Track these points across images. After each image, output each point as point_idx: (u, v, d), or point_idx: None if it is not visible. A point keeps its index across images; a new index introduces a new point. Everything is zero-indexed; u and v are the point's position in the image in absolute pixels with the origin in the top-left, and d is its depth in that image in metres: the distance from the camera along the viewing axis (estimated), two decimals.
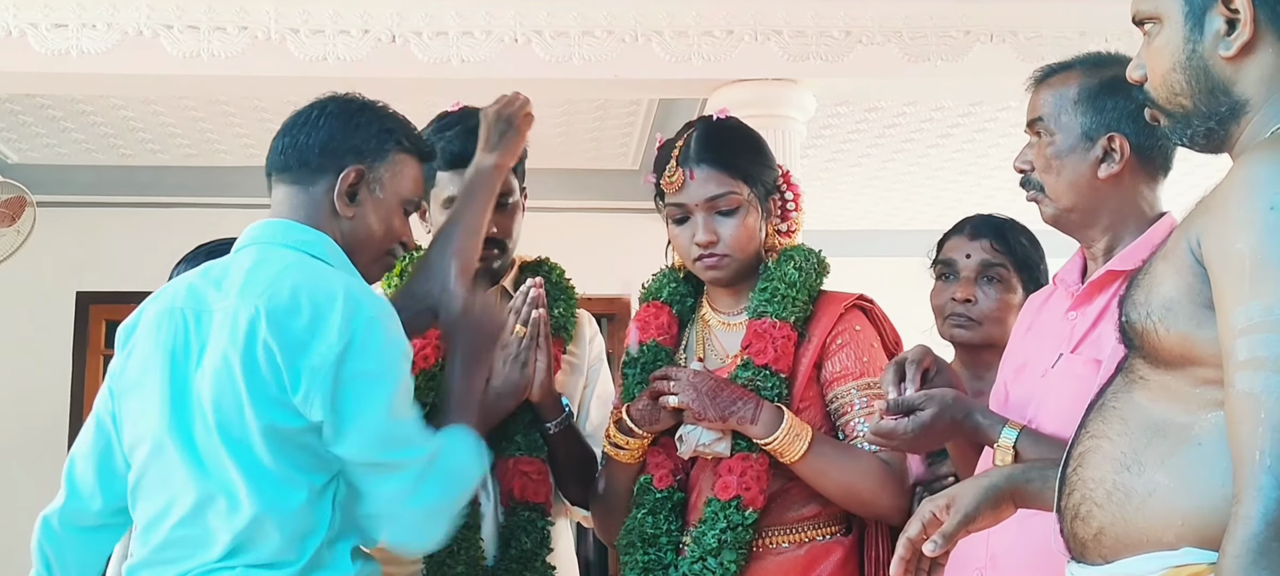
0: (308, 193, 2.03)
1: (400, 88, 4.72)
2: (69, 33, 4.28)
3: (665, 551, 2.11)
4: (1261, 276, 1.18)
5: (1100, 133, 1.87)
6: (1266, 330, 1.17)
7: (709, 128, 2.19)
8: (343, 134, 2.06)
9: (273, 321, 1.86)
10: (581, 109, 5.68)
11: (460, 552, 2.18)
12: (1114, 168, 1.86)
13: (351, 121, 2.08)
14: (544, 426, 2.29)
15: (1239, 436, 1.18)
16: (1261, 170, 1.22)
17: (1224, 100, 1.38)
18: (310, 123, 2.06)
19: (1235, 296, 1.21)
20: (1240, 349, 1.19)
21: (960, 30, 4.51)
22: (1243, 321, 1.19)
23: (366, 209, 2.04)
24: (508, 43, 4.39)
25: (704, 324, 2.26)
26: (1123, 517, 1.34)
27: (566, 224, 6.19)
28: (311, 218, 2.02)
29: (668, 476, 2.14)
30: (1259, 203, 1.20)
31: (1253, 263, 1.19)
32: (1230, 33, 1.36)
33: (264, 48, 4.33)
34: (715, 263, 2.14)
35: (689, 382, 2.06)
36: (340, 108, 2.09)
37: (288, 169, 2.05)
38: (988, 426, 1.84)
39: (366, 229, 2.04)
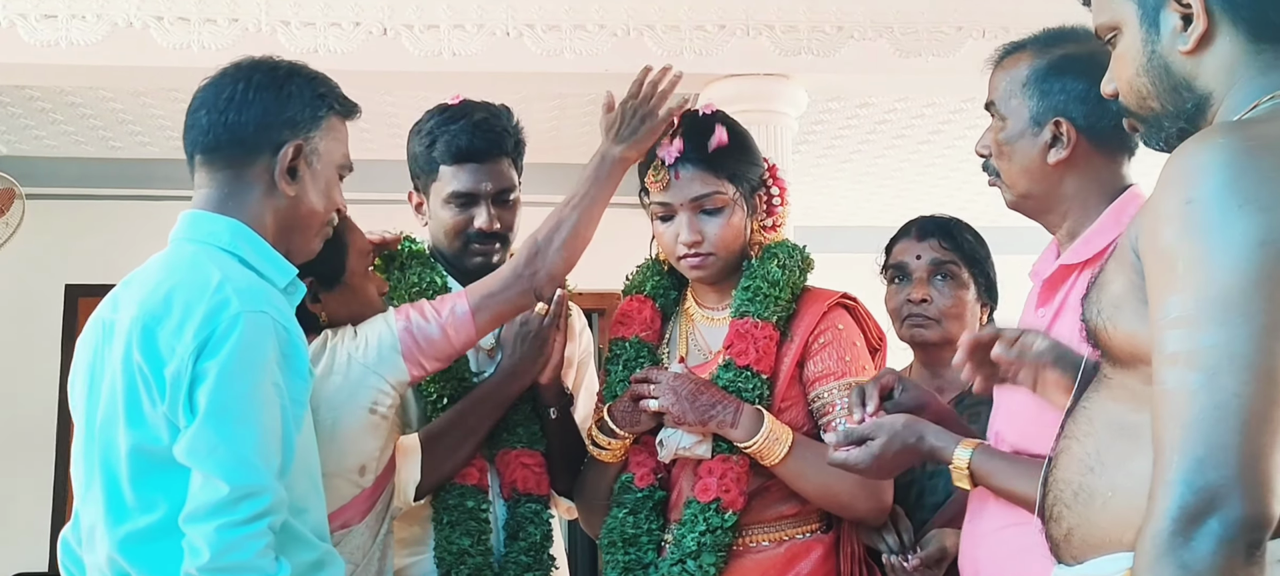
0: (240, 174, 1.92)
1: (392, 81, 4.72)
2: (58, 24, 4.27)
3: (645, 550, 2.11)
4: (1178, 270, 1.17)
5: (1047, 117, 1.82)
6: (1184, 325, 1.15)
7: (695, 125, 2.17)
8: (277, 107, 1.93)
9: (145, 330, 1.79)
10: (573, 103, 5.67)
11: (475, 545, 2.18)
12: (1062, 153, 1.81)
13: (283, 92, 1.94)
14: (546, 411, 2.29)
15: (1156, 432, 1.17)
16: (1184, 164, 1.21)
17: (1188, 96, 1.38)
18: (239, 99, 1.93)
19: (1159, 291, 1.20)
20: (1162, 344, 1.18)
21: (952, 26, 4.52)
22: (1162, 316, 1.18)
23: (306, 184, 1.94)
24: (500, 36, 4.38)
25: (688, 318, 2.26)
26: (1087, 518, 1.34)
27: None
28: (242, 200, 1.92)
29: (649, 475, 2.14)
30: (1178, 196, 1.19)
31: (1171, 257, 1.19)
32: (1186, 28, 1.36)
33: (254, 40, 4.31)
34: (700, 262, 2.13)
35: (669, 386, 2.06)
36: (268, 78, 1.95)
37: (217, 149, 1.92)
38: (942, 447, 1.84)
39: (308, 204, 1.95)
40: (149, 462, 1.79)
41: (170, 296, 1.80)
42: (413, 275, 2.30)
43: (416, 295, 2.26)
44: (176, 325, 1.77)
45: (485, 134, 2.29)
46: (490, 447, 2.28)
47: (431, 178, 2.30)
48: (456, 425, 2.21)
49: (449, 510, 2.21)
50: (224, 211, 1.91)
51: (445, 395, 2.23)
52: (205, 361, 1.76)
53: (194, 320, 1.77)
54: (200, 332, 1.76)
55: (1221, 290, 1.14)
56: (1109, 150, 1.82)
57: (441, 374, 2.22)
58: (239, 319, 1.78)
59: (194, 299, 1.79)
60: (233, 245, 1.89)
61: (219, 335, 1.76)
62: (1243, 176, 1.16)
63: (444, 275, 2.32)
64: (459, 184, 2.27)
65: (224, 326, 1.77)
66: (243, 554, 1.73)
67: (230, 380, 1.77)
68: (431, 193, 2.32)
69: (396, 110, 5.39)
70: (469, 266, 2.32)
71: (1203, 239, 1.16)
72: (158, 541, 1.77)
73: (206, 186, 1.94)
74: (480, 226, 2.28)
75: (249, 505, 1.74)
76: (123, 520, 1.79)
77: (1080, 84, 1.79)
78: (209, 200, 1.93)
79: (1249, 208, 1.15)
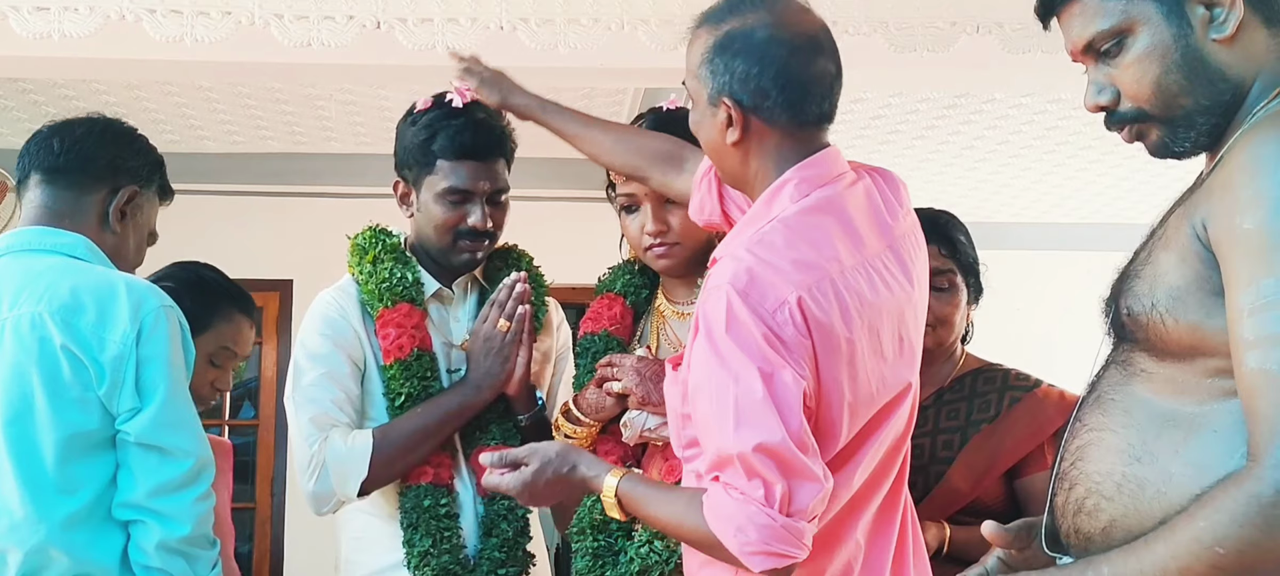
0: (79, 199, 2.09)
1: (385, 75, 4.71)
2: (51, 16, 4.25)
3: (615, 537, 2.13)
4: (1271, 254, 1.16)
5: (718, 97, 1.79)
6: (1274, 307, 1.14)
7: (658, 119, 2.20)
8: (128, 153, 2.16)
9: (62, 323, 1.91)
10: (567, 98, 5.65)
11: (443, 542, 2.18)
12: (736, 134, 1.79)
13: (133, 144, 2.18)
14: (516, 418, 2.29)
15: (1256, 410, 1.16)
16: (1268, 148, 1.20)
17: (1224, 87, 1.36)
18: (95, 133, 2.14)
19: (1244, 276, 1.18)
20: (1249, 328, 1.17)
21: (946, 21, 4.51)
22: (1252, 300, 1.17)
23: (129, 229, 2.14)
24: (493, 30, 4.37)
25: (659, 315, 2.28)
26: (1136, 509, 1.31)
27: (549, 213, 6.18)
28: (75, 222, 2.07)
29: (617, 463, 2.15)
30: (1266, 181, 1.18)
31: (1260, 241, 1.17)
32: (1212, 18, 1.35)
33: (248, 33, 4.30)
34: (665, 252, 2.15)
35: (633, 368, 2.08)
36: (121, 128, 2.18)
37: (63, 171, 2.09)
38: (593, 477, 1.83)
39: (124, 247, 2.14)
40: (78, 447, 1.92)
41: (77, 292, 1.94)
42: (384, 269, 2.29)
43: (388, 292, 2.26)
44: (99, 316, 1.92)
45: (486, 133, 2.31)
46: (465, 446, 2.28)
47: (426, 171, 2.30)
48: (416, 428, 2.22)
49: (408, 512, 2.22)
50: (63, 227, 2.07)
51: (409, 393, 2.23)
52: (145, 347, 1.93)
53: (121, 310, 1.93)
54: (134, 321, 1.93)
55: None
56: (781, 127, 1.79)
57: (407, 371, 2.23)
58: (164, 310, 1.98)
59: (105, 292, 1.94)
60: (88, 257, 2.03)
61: (153, 323, 1.95)
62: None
63: (417, 270, 2.32)
64: (457, 180, 2.28)
65: (154, 316, 1.95)
66: (207, 524, 1.99)
67: (173, 364, 1.96)
68: (424, 185, 2.31)
69: (389, 104, 5.38)
70: (454, 263, 2.32)
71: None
72: (87, 523, 1.92)
73: (43, 204, 2.09)
74: (474, 224, 2.28)
75: (206, 477, 1.98)
76: (53, 508, 1.90)
77: (743, 61, 1.75)
78: (47, 216, 2.08)
79: None
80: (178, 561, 1.95)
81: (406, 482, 2.24)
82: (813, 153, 1.81)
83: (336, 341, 2.27)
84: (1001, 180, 6.96)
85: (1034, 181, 7.01)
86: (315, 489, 2.20)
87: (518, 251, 2.47)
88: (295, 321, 6.53)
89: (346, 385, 2.26)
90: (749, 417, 1.60)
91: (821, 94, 1.82)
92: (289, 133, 6.25)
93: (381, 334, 2.27)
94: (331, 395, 2.23)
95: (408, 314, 2.26)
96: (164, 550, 1.93)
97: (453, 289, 2.38)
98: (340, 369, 2.26)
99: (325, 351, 2.26)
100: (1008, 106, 5.73)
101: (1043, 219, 7.59)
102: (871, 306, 1.73)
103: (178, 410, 1.97)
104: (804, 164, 1.80)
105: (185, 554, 1.96)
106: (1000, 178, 6.92)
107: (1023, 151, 6.42)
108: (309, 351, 2.27)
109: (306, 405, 2.23)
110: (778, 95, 1.76)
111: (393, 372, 2.24)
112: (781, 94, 1.77)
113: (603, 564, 2.12)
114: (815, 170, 1.81)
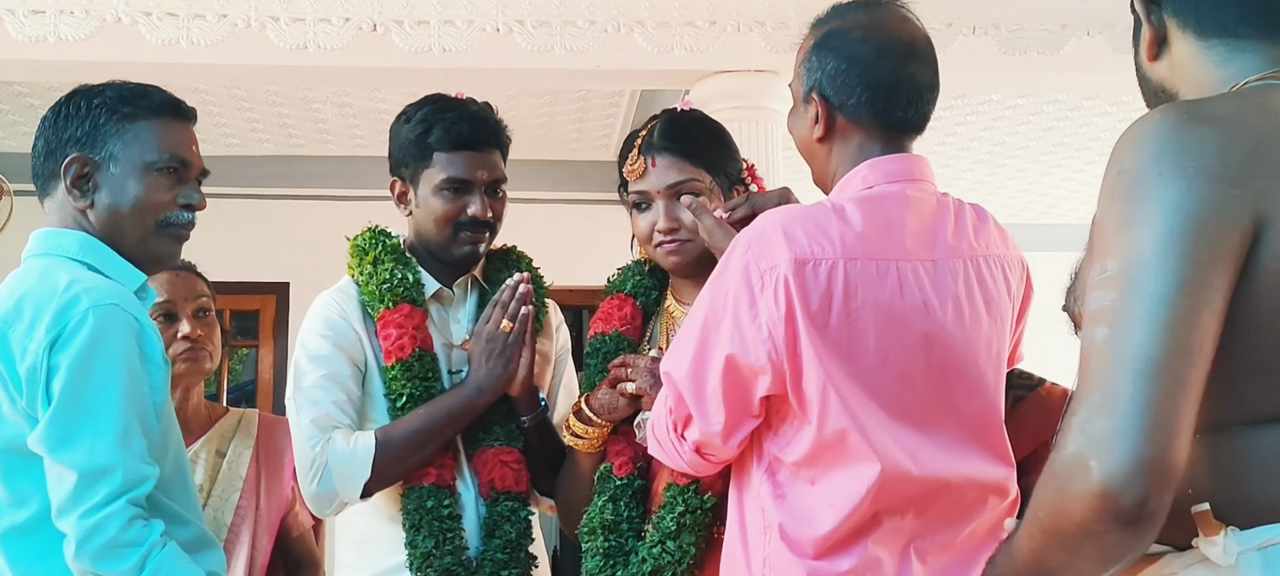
0: (53, 200, 2.03)
1: (381, 77, 4.71)
2: (46, 19, 4.25)
3: (626, 537, 2.12)
4: (1103, 237, 1.23)
5: (809, 93, 1.91)
6: (1104, 285, 1.20)
7: (672, 118, 2.21)
8: (54, 131, 2.03)
9: (1, 336, 1.88)
10: (563, 100, 5.67)
11: (445, 544, 2.18)
12: (821, 131, 1.89)
13: (61, 116, 2.04)
14: (519, 420, 2.29)
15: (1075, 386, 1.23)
16: (1122, 140, 1.28)
17: (1165, 99, 1.44)
18: (37, 135, 2.06)
19: (1091, 259, 1.26)
20: (1087, 305, 1.23)
21: (942, 22, 4.51)
22: (1090, 282, 1.23)
23: (103, 192, 2.00)
24: (490, 32, 4.37)
25: (668, 316, 2.27)
26: None
27: (548, 215, 6.19)
28: (65, 221, 2.02)
29: (628, 464, 2.15)
30: (1113, 169, 1.25)
31: (1100, 226, 1.24)
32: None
33: (244, 36, 4.30)
34: (676, 248, 2.15)
35: (647, 369, 2.07)
36: (52, 111, 2.06)
37: (36, 179, 2.06)
38: None
39: (111, 210, 2.00)
40: (17, 459, 1.88)
41: (21, 302, 1.90)
42: (384, 270, 2.29)
43: (389, 292, 2.26)
44: (28, 326, 1.87)
45: (482, 124, 2.31)
46: (468, 447, 2.28)
47: (423, 165, 2.30)
48: (418, 431, 2.21)
49: (410, 514, 2.21)
50: (65, 227, 2.02)
51: (411, 394, 2.23)
52: (57, 354, 1.84)
53: (45, 318, 1.86)
54: (52, 328, 1.85)
55: (1137, 250, 1.18)
56: (865, 127, 1.87)
57: (408, 372, 2.22)
58: (89, 313, 1.87)
59: (43, 300, 1.88)
60: (82, 254, 1.98)
61: (71, 329, 1.85)
62: (1169, 147, 1.22)
63: (418, 270, 2.31)
64: (455, 171, 2.28)
65: (75, 320, 1.86)
66: (106, 534, 1.81)
67: (82, 369, 1.85)
68: (422, 180, 2.31)
69: (386, 106, 5.38)
70: (456, 256, 2.32)
71: (1126, 206, 1.22)
72: (34, 535, 1.88)
73: (47, 210, 2.05)
74: (474, 214, 2.28)
75: (102, 485, 1.82)
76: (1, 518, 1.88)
77: (833, 58, 1.86)
78: (52, 220, 2.04)
79: (1172, 175, 1.20)
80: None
81: (409, 484, 2.24)
82: (893, 154, 1.88)
83: (338, 343, 2.27)
84: (998, 181, 6.97)
85: (1031, 182, 7.02)
86: (317, 491, 2.19)
87: (517, 253, 2.47)
88: (292, 324, 6.53)
89: (348, 387, 2.25)
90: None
91: (907, 99, 1.87)
92: (285, 135, 6.25)
93: (383, 335, 2.26)
94: (333, 397, 2.23)
95: (409, 314, 2.26)
96: (78, 562, 1.83)
97: (453, 289, 2.37)
98: (342, 370, 2.25)
99: (326, 353, 2.26)
100: (1004, 107, 5.74)
101: (1039, 219, 7.60)
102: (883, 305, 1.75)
103: (74, 422, 1.84)
104: (879, 159, 1.86)
105: (93, 571, 1.84)
106: (997, 178, 6.93)
107: (1019, 152, 6.43)
108: (310, 353, 2.27)
109: (308, 407, 2.22)
110: (862, 94, 1.83)
111: (394, 373, 2.24)
112: (866, 93, 1.84)
113: (614, 564, 2.11)
114: (888, 167, 1.87)
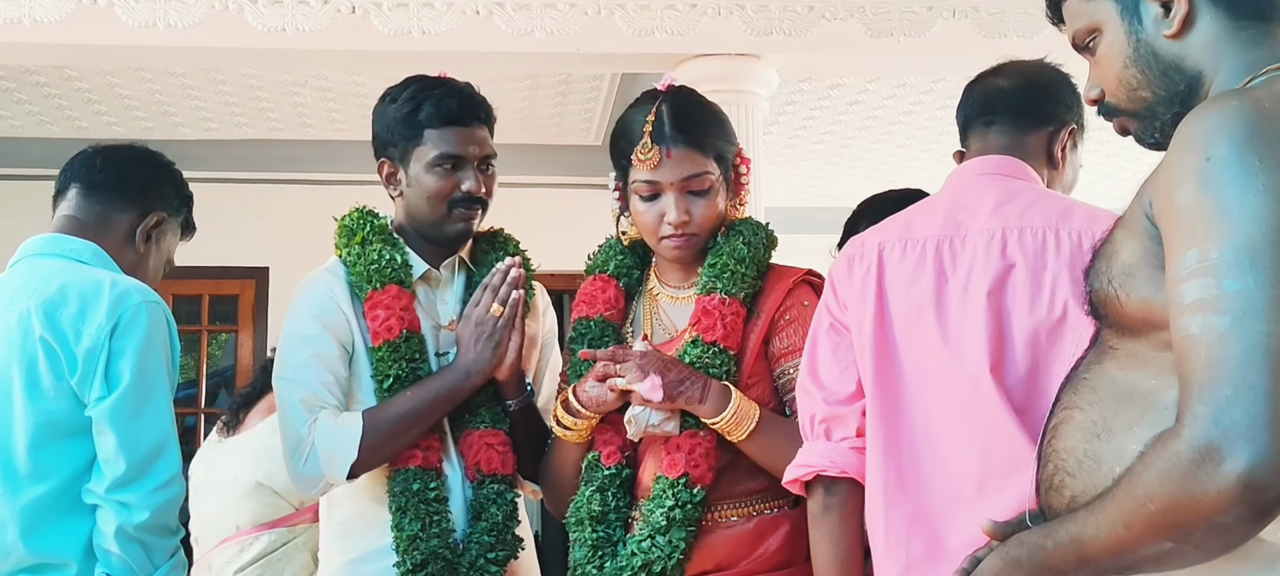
0: (109, 215, 2.26)
1: (360, 60, 4.68)
2: (22, 1, 4.21)
3: (614, 528, 2.12)
4: (1199, 224, 1.22)
5: None
6: (1202, 275, 1.19)
7: (680, 104, 2.16)
8: (161, 181, 2.33)
9: (45, 317, 2.06)
10: (544, 83, 5.65)
11: (432, 526, 2.18)
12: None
13: (166, 174, 2.35)
14: (505, 403, 2.29)
15: (1183, 375, 1.21)
16: (1199, 126, 1.26)
17: (1179, 78, 1.44)
18: (133, 158, 2.32)
19: (1176, 249, 1.24)
20: (1178, 297, 1.22)
21: (923, 6, 4.52)
22: (1182, 270, 1.22)
23: (152, 252, 2.31)
24: (470, 15, 4.35)
25: (651, 298, 2.26)
26: (1093, 485, 1.35)
27: (529, 199, 6.17)
28: (100, 235, 2.23)
29: (615, 453, 2.14)
30: (1196, 155, 1.24)
31: (1191, 213, 1.23)
32: (1166, 14, 1.43)
33: (222, 18, 4.27)
34: (684, 242, 2.13)
35: (637, 364, 2.06)
36: (160, 159, 2.36)
37: (100, 187, 2.27)
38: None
39: (144, 267, 2.29)
40: (48, 434, 2.05)
41: (64, 289, 2.08)
42: (373, 251, 2.28)
43: (377, 273, 2.25)
44: (78, 310, 2.06)
45: (470, 99, 2.32)
46: (454, 429, 2.28)
47: (414, 142, 2.29)
48: (406, 412, 2.20)
49: (396, 496, 2.20)
50: (85, 236, 2.22)
51: (398, 376, 2.22)
52: (120, 339, 2.05)
53: (99, 304, 2.06)
54: (111, 315, 2.05)
55: (1245, 239, 1.18)
56: None
57: (395, 353, 2.21)
58: (144, 305, 2.09)
59: (90, 290, 2.08)
60: (93, 261, 2.19)
61: (129, 317, 2.06)
62: (1258, 135, 1.22)
63: (406, 251, 2.31)
64: (448, 146, 2.27)
65: (132, 310, 2.07)
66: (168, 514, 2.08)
67: (144, 354, 2.06)
68: (413, 158, 2.29)
69: (365, 90, 5.35)
70: (449, 234, 2.31)
71: (1224, 193, 1.20)
72: (51, 509, 2.04)
73: (71, 214, 2.26)
74: (469, 189, 2.27)
75: (163, 468, 2.07)
76: (16, 489, 2.03)
77: None
78: (71, 225, 2.24)
79: (1269, 162, 1.20)
80: (134, 548, 2.04)
81: (395, 466, 2.23)
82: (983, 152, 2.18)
83: (325, 322, 2.25)
84: None
85: None
86: (303, 471, 2.17)
87: (505, 235, 2.46)
88: (272, 308, 6.51)
89: (335, 367, 2.24)
90: None
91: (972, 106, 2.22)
92: (264, 119, 6.22)
93: (370, 315, 2.25)
94: (320, 377, 2.21)
95: (397, 295, 2.25)
96: (122, 536, 2.02)
97: (441, 271, 2.37)
98: (329, 350, 2.24)
99: (314, 332, 2.24)
100: None
101: None
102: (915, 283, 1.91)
103: (140, 400, 2.05)
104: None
105: (142, 542, 2.04)
106: None
107: None
108: (298, 332, 2.25)
109: (295, 387, 2.20)
110: None
111: (381, 354, 2.22)
112: None
113: (602, 555, 2.10)
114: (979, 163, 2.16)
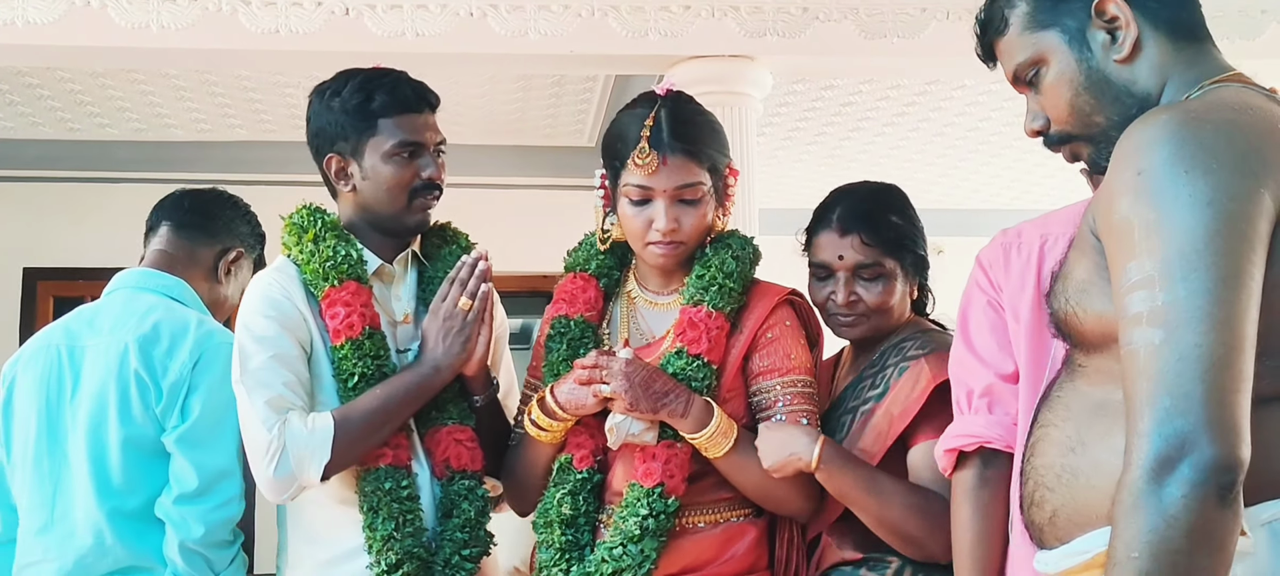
0: (194, 250, 2.53)
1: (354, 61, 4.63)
2: (14, 3, 4.20)
3: (583, 532, 2.12)
4: (1134, 237, 1.24)
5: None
6: (1140, 287, 1.22)
7: (678, 111, 2.14)
8: (239, 220, 2.60)
9: (140, 351, 2.32)
10: (537, 85, 5.64)
11: (405, 525, 2.16)
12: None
13: (247, 215, 2.63)
14: (472, 399, 2.28)
15: (1127, 392, 1.22)
16: (1131, 141, 1.30)
17: (1130, 101, 1.47)
18: (217, 199, 2.59)
19: (1119, 263, 1.26)
20: (1124, 309, 1.24)
21: (917, 8, 4.52)
22: (1124, 284, 1.24)
23: (230, 283, 2.57)
24: (463, 16, 4.35)
25: (629, 300, 2.25)
26: (1072, 498, 1.38)
27: (523, 200, 6.15)
28: (187, 269, 2.50)
29: (588, 457, 2.14)
30: (1129, 170, 1.27)
31: (1126, 227, 1.26)
32: (1114, 41, 1.48)
33: (215, 20, 4.26)
34: (671, 251, 2.12)
35: (621, 373, 2.05)
36: (235, 200, 2.64)
37: (188, 225, 2.54)
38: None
39: (223, 298, 2.56)
40: (136, 453, 2.31)
41: (158, 326, 2.35)
42: (326, 248, 2.25)
43: (334, 270, 2.23)
44: (168, 348, 2.33)
45: (421, 86, 2.32)
46: (420, 426, 2.26)
47: (368, 133, 2.26)
48: (376, 411, 2.17)
49: (368, 496, 2.18)
50: (174, 272, 2.49)
51: (362, 373, 2.19)
52: (199, 374, 2.32)
53: (186, 342, 2.33)
54: (194, 352, 2.33)
55: (1176, 249, 1.20)
56: None
57: (359, 351, 2.19)
58: (222, 346, 2.33)
59: (179, 328, 2.35)
60: (183, 298, 2.45)
61: (209, 355, 2.33)
62: (1186, 144, 1.24)
63: (359, 247, 2.28)
64: (406, 133, 2.26)
65: (212, 349, 2.34)
66: (224, 530, 2.32)
67: (217, 388, 2.30)
68: (367, 150, 2.26)
69: None
70: (409, 225, 2.30)
71: (1155, 204, 1.23)
72: (136, 520, 2.31)
73: (163, 249, 2.51)
74: (429, 176, 2.26)
75: (223, 490, 2.31)
76: (111, 498, 2.31)
77: None
78: (162, 260, 2.50)
79: (1195, 171, 1.22)
80: (197, 560, 2.29)
81: (366, 466, 2.21)
82: None
83: (283, 323, 2.21)
84: (971, 166, 7.00)
85: (1004, 167, 7.05)
86: (274, 475, 2.12)
87: (454, 229, 2.44)
88: None
89: (297, 368, 2.19)
90: None
91: None
92: (257, 120, 6.20)
93: (329, 313, 2.21)
94: (283, 378, 2.17)
95: (356, 292, 2.21)
96: (185, 550, 2.27)
97: (394, 266, 2.35)
98: (289, 351, 2.20)
99: (272, 333, 2.20)
100: (978, 93, 5.76)
101: (1013, 205, 7.63)
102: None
103: (208, 430, 2.30)
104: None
105: (204, 555, 2.29)
106: (970, 164, 6.95)
107: (992, 138, 6.45)
108: (254, 334, 2.20)
109: (259, 389, 2.16)
110: None
111: (344, 352, 2.19)
112: None
113: (568, 559, 2.10)
114: None
